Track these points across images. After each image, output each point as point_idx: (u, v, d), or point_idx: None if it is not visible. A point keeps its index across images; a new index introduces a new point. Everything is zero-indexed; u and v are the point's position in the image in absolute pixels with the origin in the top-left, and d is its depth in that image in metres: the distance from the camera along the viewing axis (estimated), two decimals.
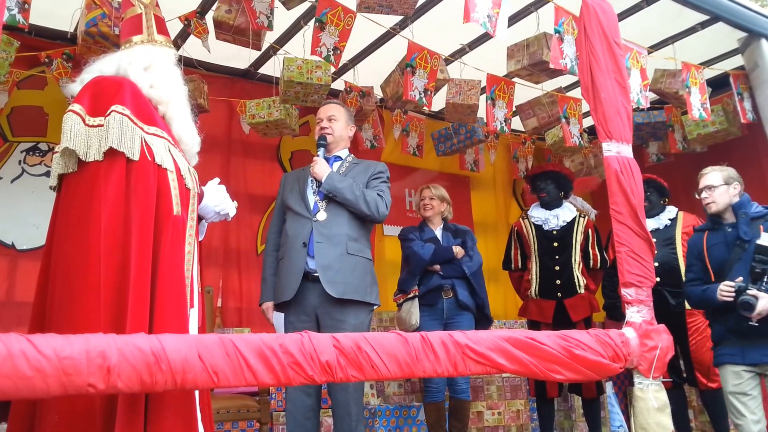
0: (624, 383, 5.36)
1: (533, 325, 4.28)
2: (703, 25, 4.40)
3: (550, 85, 4.46)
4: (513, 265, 4.55)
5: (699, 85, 4.40)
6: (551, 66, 3.48)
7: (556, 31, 3.45)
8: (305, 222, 3.06)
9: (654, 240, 4.12)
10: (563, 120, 4.44)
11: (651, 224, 4.23)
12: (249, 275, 4.72)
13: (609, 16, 2.99)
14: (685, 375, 4.19)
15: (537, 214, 4.41)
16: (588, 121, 5.03)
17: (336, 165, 3.23)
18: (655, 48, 4.54)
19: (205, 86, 4.33)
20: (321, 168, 3.10)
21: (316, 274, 2.96)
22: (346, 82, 4.68)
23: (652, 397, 2.50)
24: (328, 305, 2.95)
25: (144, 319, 1.88)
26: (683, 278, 4.01)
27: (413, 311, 3.89)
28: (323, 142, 3.21)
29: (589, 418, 4.22)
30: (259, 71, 4.94)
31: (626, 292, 2.67)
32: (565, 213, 4.35)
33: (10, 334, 1.46)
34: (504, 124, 4.21)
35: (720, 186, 3.27)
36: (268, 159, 5.13)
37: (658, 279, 3.97)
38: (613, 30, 2.98)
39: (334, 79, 4.52)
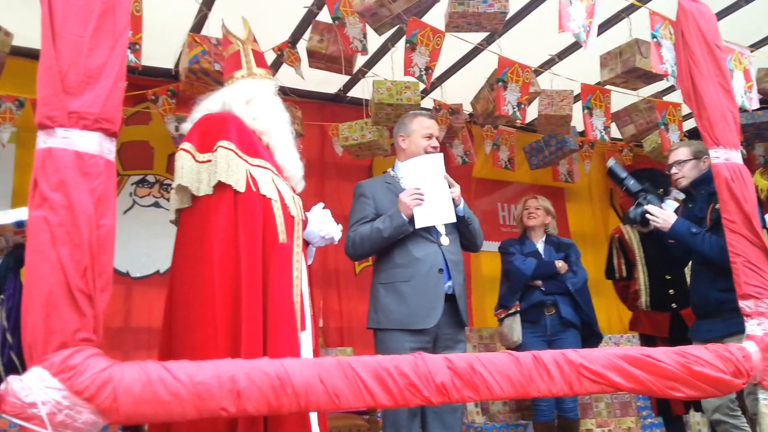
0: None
1: (647, 339, 4.07)
2: None
3: (646, 90, 4.34)
4: (617, 275, 4.37)
5: None
6: (653, 71, 3.39)
7: (653, 36, 3.36)
8: (431, 245, 2.97)
9: None
10: (662, 126, 4.30)
11: None
12: (348, 295, 4.82)
13: (707, 18, 2.88)
14: None
15: None
16: (687, 124, 4.86)
17: None
18: (755, 47, 4.34)
19: (299, 112, 4.47)
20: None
21: (448, 295, 2.93)
22: (434, 100, 4.72)
23: None
24: (449, 327, 2.94)
25: (258, 345, 1.97)
26: None
27: (515, 327, 3.84)
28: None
29: None
30: (348, 94, 5.06)
31: (744, 305, 2.54)
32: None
33: (147, 361, 1.55)
34: (604, 132, 4.13)
35: (690, 160, 3.20)
36: (361, 179, 5.21)
37: None
38: (713, 33, 2.87)
39: (421, 98, 4.57)
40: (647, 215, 3.07)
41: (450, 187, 2.97)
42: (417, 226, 2.91)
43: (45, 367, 1.42)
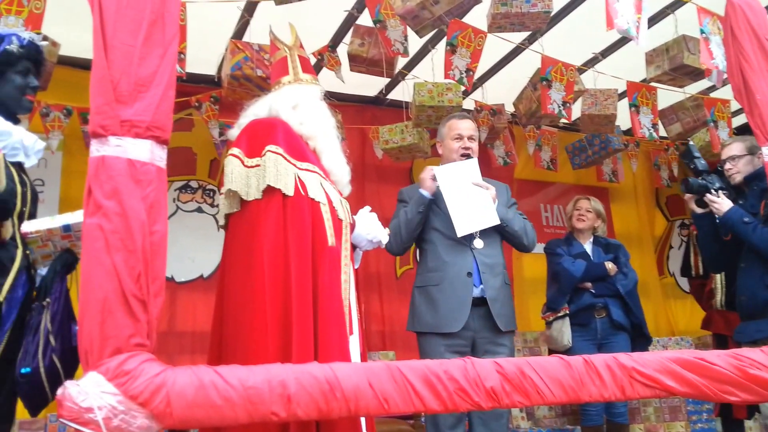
0: None
1: (719, 339, 3.97)
2: None
3: (691, 88, 4.24)
4: (693, 272, 4.25)
5: None
6: (703, 67, 3.31)
7: (702, 32, 3.28)
8: (462, 248, 2.99)
9: None
10: (711, 124, 4.20)
11: None
12: (390, 298, 4.81)
13: (757, 12, 2.80)
14: None
15: None
16: (737, 120, 4.74)
17: None
18: None
19: (339, 115, 4.48)
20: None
21: (478, 299, 2.93)
22: (476, 101, 4.68)
23: None
24: (487, 331, 2.93)
25: (309, 349, 1.96)
26: None
27: (564, 330, 3.77)
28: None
29: None
30: (388, 97, 5.05)
31: None
32: None
33: (200, 366, 1.56)
34: (652, 130, 4.05)
35: (744, 156, 3.11)
36: (401, 182, 5.21)
37: None
38: (763, 27, 2.79)
39: (463, 99, 4.54)
40: (706, 197, 3.03)
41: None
42: (459, 235, 2.92)
43: (101, 372, 1.43)
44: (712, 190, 2.99)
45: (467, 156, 3.07)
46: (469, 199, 2.93)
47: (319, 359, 1.92)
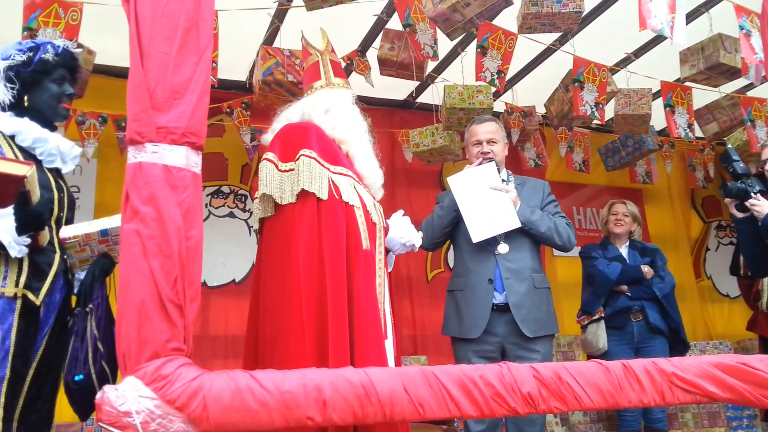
0: None
1: (766, 342, 3.90)
2: None
3: (726, 87, 4.15)
4: (742, 272, 4.17)
5: None
6: (746, 61, 3.24)
7: (741, 28, 3.21)
8: (487, 255, 2.99)
9: None
10: (748, 123, 4.11)
11: None
12: (421, 302, 4.78)
13: None
14: None
15: None
16: None
17: None
18: None
19: (368, 119, 4.46)
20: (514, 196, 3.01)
21: (503, 305, 2.92)
22: (506, 103, 4.65)
23: None
24: (516, 337, 2.91)
25: (345, 353, 1.96)
26: None
27: (600, 334, 3.71)
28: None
29: None
30: (417, 100, 5.04)
31: None
32: None
33: (236, 370, 1.56)
34: (688, 130, 3.99)
35: None
36: (431, 186, 5.20)
37: None
38: None
39: (493, 101, 4.51)
40: (746, 202, 2.97)
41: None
42: (475, 241, 2.93)
43: (138, 376, 1.44)
44: (752, 194, 2.93)
45: (487, 161, 3.08)
46: (487, 204, 2.92)
47: (356, 363, 1.92)
